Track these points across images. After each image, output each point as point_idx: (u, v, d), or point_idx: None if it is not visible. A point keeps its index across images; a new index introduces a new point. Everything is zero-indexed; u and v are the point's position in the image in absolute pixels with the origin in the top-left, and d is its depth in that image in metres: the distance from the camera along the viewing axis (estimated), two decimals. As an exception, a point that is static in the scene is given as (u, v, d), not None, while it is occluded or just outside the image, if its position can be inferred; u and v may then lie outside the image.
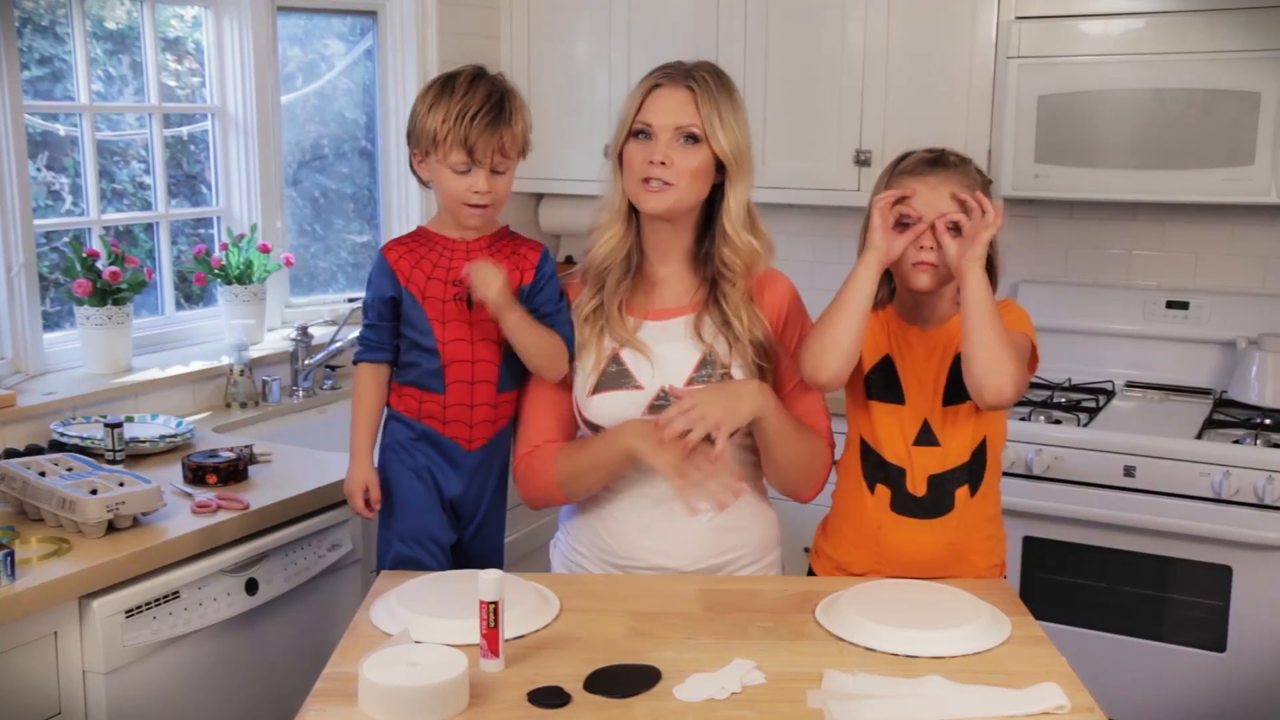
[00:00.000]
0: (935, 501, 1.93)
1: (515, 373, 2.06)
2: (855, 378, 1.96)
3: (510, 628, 1.70)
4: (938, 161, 1.90)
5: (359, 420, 2.07)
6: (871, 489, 1.96)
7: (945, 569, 1.94)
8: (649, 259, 2.00)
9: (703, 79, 1.92)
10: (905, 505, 1.94)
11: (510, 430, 2.10)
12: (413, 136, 2.01)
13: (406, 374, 2.06)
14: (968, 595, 1.83)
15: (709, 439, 1.85)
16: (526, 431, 2.06)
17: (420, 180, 2.07)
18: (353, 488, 2.06)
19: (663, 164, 1.89)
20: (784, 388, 2.00)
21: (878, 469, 1.96)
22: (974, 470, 1.94)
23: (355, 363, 2.08)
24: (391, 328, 2.04)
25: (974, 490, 1.94)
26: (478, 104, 1.93)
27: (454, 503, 2.08)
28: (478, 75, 1.99)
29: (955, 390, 1.90)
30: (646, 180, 1.90)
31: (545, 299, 2.04)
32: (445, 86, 1.97)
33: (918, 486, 1.93)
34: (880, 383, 1.95)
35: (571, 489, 2.01)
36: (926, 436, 1.92)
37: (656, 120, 1.91)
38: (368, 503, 2.06)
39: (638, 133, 1.93)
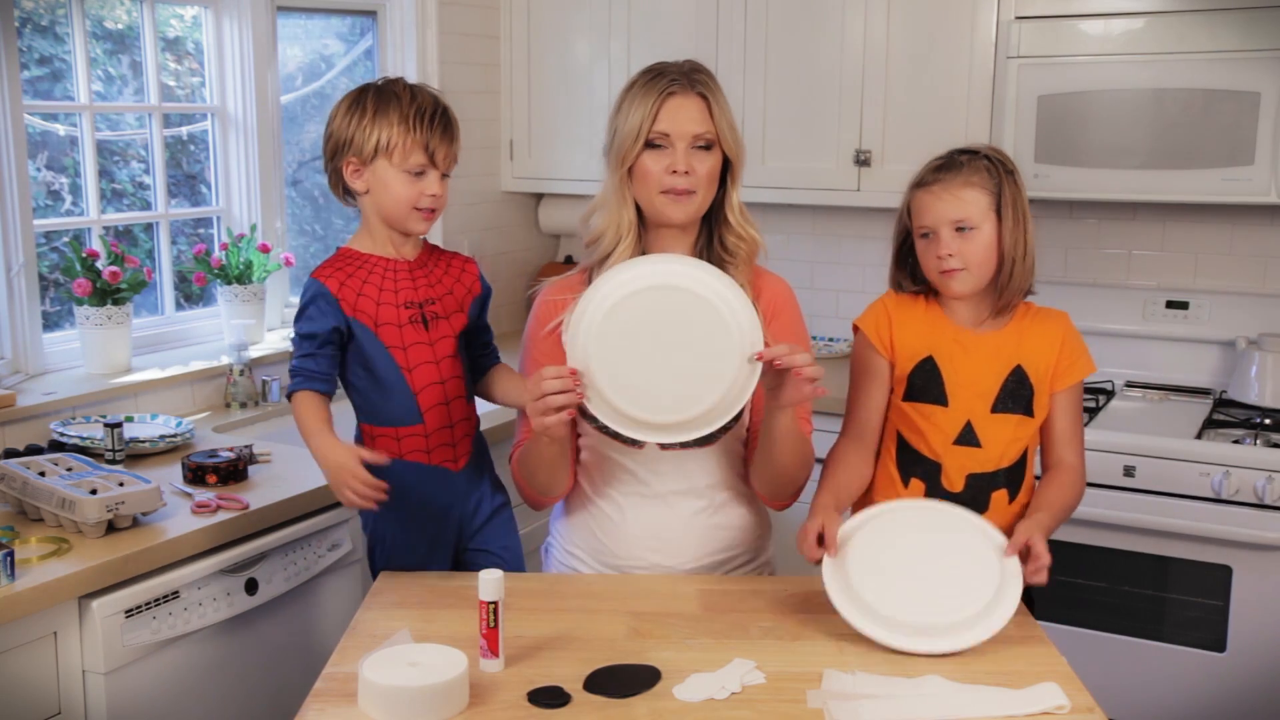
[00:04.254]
0: (971, 500, 1.90)
1: (474, 374, 2.08)
2: (895, 379, 1.95)
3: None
4: (943, 167, 1.91)
5: (310, 414, 1.89)
6: (905, 482, 1.95)
7: None
8: None
9: (705, 83, 1.92)
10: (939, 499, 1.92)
11: (480, 433, 2.09)
12: (347, 146, 1.93)
13: (377, 414, 1.97)
14: (977, 567, 1.77)
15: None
16: (518, 433, 2.06)
17: (341, 196, 2.00)
18: (340, 473, 1.81)
19: (685, 173, 1.89)
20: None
21: (914, 463, 1.94)
22: (1014, 477, 1.92)
23: (290, 394, 1.92)
24: (334, 357, 1.95)
25: (1012, 497, 1.93)
26: (430, 108, 1.93)
27: (460, 523, 2.06)
28: (410, 85, 1.96)
29: (1007, 401, 1.89)
30: (669, 191, 1.89)
31: (484, 320, 2.08)
32: (382, 95, 1.93)
33: (954, 483, 1.91)
34: (921, 385, 1.92)
35: (535, 484, 1.97)
36: (968, 437, 1.90)
37: (674, 130, 1.89)
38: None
39: (651, 143, 1.90)
